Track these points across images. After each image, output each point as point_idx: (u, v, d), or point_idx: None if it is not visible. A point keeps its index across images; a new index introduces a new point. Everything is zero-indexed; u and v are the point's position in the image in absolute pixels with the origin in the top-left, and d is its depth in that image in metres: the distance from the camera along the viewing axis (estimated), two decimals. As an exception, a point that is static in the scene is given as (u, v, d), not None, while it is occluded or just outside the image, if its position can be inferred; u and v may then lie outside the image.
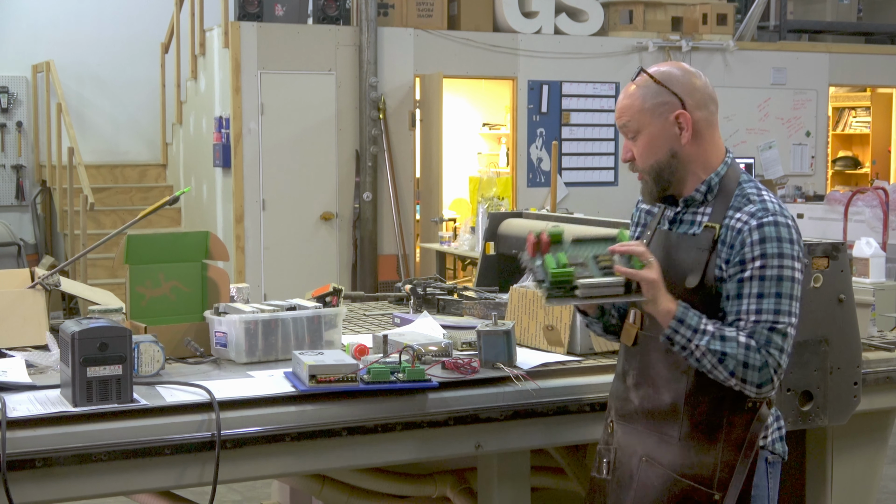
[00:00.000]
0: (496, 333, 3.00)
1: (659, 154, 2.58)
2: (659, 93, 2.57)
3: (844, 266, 3.10)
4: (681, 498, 2.53)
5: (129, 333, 2.68)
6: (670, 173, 2.59)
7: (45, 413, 2.58)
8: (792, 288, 2.45)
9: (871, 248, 3.72)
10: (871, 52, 12.35)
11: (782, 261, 2.44)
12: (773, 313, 2.43)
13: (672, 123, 2.56)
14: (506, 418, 2.92)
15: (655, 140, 2.57)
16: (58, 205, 10.49)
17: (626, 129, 2.60)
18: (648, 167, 2.60)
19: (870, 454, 3.45)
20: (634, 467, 2.61)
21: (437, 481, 3.58)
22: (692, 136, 2.56)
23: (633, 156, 2.61)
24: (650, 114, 2.57)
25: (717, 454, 2.52)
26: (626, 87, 2.64)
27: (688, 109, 2.55)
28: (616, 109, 2.64)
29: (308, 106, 9.66)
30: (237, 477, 2.77)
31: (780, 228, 2.46)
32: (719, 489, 2.51)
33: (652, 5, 11.11)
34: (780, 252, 2.45)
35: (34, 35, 11.07)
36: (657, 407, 2.58)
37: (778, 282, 2.44)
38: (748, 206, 2.51)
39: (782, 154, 11.74)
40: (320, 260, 9.75)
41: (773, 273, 2.44)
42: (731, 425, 2.52)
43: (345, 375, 2.78)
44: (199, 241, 3.41)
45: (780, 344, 2.43)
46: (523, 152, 10.59)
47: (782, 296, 2.44)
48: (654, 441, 2.58)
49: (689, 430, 2.54)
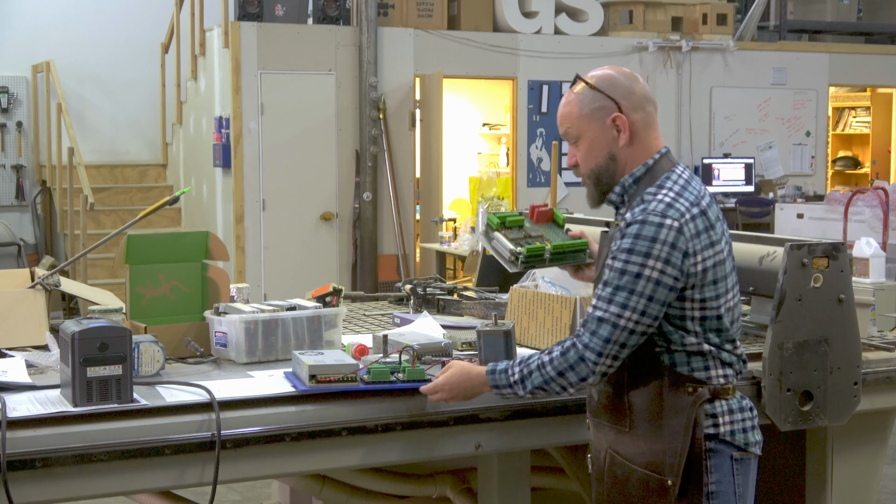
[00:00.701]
0: (496, 333, 3.00)
1: (598, 158, 2.67)
2: (595, 98, 2.65)
3: (844, 266, 3.10)
4: (639, 486, 2.62)
5: (129, 333, 2.68)
6: (609, 176, 2.67)
7: (45, 413, 2.57)
8: (634, 283, 2.50)
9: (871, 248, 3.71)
10: (871, 52, 12.35)
11: (630, 256, 2.51)
12: (607, 302, 2.52)
13: (610, 127, 2.64)
14: (506, 418, 2.92)
15: (595, 144, 2.66)
16: (58, 205, 10.49)
17: (568, 136, 2.70)
18: (589, 171, 2.69)
19: (870, 454, 3.45)
20: (603, 461, 2.72)
21: (437, 481, 3.58)
22: (629, 138, 2.64)
23: (577, 161, 2.71)
24: (588, 119, 2.65)
25: (664, 441, 2.58)
26: (566, 95, 2.73)
27: (624, 112, 2.63)
28: (558, 116, 2.73)
29: (308, 106, 9.66)
30: (237, 477, 2.77)
31: (645, 227, 2.51)
32: (670, 475, 2.56)
33: (652, 5, 11.11)
34: (631, 248, 2.51)
35: (34, 35, 11.07)
36: (610, 401, 2.67)
37: (620, 275, 2.51)
38: (640, 205, 2.58)
39: (782, 154, 11.74)
40: (320, 260, 9.75)
41: (619, 266, 2.52)
42: (672, 411, 2.58)
43: (345, 375, 2.78)
44: (199, 241, 3.41)
45: (604, 334, 2.51)
46: (523, 152, 10.60)
47: (622, 289, 2.51)
48: (614, 434, 2.68)
49: (635, 421, 2.62)
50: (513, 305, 3.43)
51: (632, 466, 2.62)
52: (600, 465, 2.73)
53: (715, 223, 2.58)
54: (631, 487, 2.63)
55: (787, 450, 3.53)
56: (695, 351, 2.57)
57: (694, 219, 2.53)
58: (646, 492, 2.60)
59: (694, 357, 2.57)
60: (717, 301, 2.56)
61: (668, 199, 2.55)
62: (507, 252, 3.02)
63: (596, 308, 2.54)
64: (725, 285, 2.58)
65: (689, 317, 2.55)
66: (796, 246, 3.04)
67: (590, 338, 2.52)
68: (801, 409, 3.07)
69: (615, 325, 2.51)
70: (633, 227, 2.52)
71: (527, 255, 3.00)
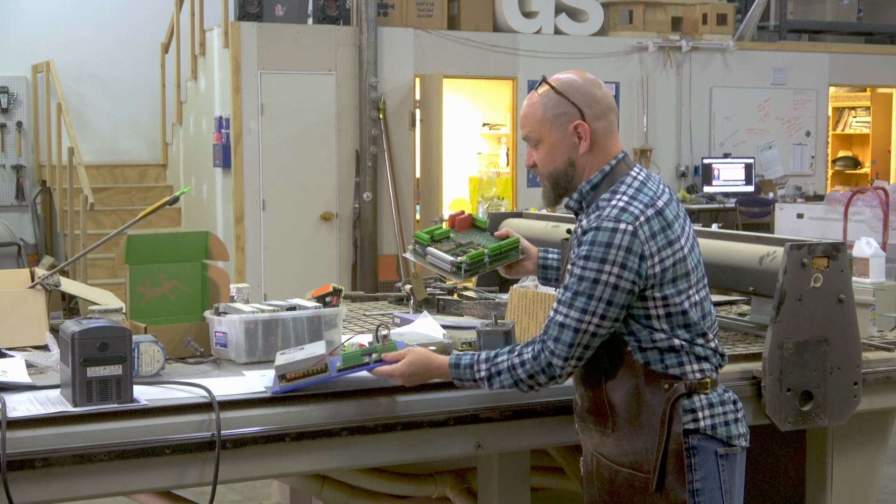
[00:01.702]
0: (496, 333, 3.00)
1: (557, 162, 2.69)
2: (559, 103, 2.66)
3: (844, 266, 3.10)
4: (625, 487, 2.64)
5: (129, 333, 2.68)
6: (567, 181, 2.70)
7: (45, 413, 2.57)
8: (592, 289, 2.53)
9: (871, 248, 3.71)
10: (871, 52, 12.35)
11: (587, 262, 2.54)
12: (567, 306, 2.55)
13: (571, 133, 2.66)
14: (506, 418, 2.92)
15: (554, 149, 2.68)
16: (58, 205, 10.49)
17: (529, 139, 2.73)
18: (548, 174, 2.72)
19: (870, 454, 3.45)
20: (590, 464, 2.75)
21: (437, 481, 3.58)
22: (590, 145, 2.66)
23: (535, 162, 2.73)
24: (550, 124, 2.67)
25: (645, 439, 2.60)
26: (529, 96, 2.74)
27: (586, 120, 2.65)
28: (520, 118, 2.75)
29: (308, 106, 9.66)
30: (237, 477, 2.77)
31: (599, 233, 2.54)
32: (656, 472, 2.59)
33: (652, 5, 11.11)
34: (587, 255, 2.54)
35: (34, 35, 11.07)
36: (592, 404, 2.70)
37: (579, 280, 2.55)
38: (596, 211, 2.61)
39: (782, 154, 11.74)
40: (320, 260, 9.75)
41: (577, 272, 2.55)
42: (650, 409, 2.59)
43: (310, 368, 2.73)
44: (199, 241, 3.41)
45: (566, 338, 2.55)
46: (523, 153, 10.59)
47: (580, 294, 2.54)
48: (598, 437, 2.70)
49: (616, 421, 2.64)
50: (513, 305, 3.43)
51: (616, 467, 2.65)
52: (589, 468, 2.76)
53: (673, 222, 2.59)
54: (617, 488, 2.65)
55: (787, 450, 3.53)
56: (666, 347, 2.58)
57: (649, 220, 2.55)
58: (631, 491, 2.62)
59: (667, 354, 2.59)
60: (679, 297, 2.57)
61: (622, 203, 2.57)
62: (448, 264, 3.12)
63: (557, 312, 2.58)
64: (688, 281, 2.59)
65: (654, 315, 2.57)
66: (796, 246, 3.04)
67: (554, 344, 2.57)
68: (801, 409, 3.07)
69: (577, 329, 2.55)
70: (588, 235, 2.55)
71: (469, 262, 3.11)
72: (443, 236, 3.22)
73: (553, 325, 2.58)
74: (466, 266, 3.10)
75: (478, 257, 3.12)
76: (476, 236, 3.22)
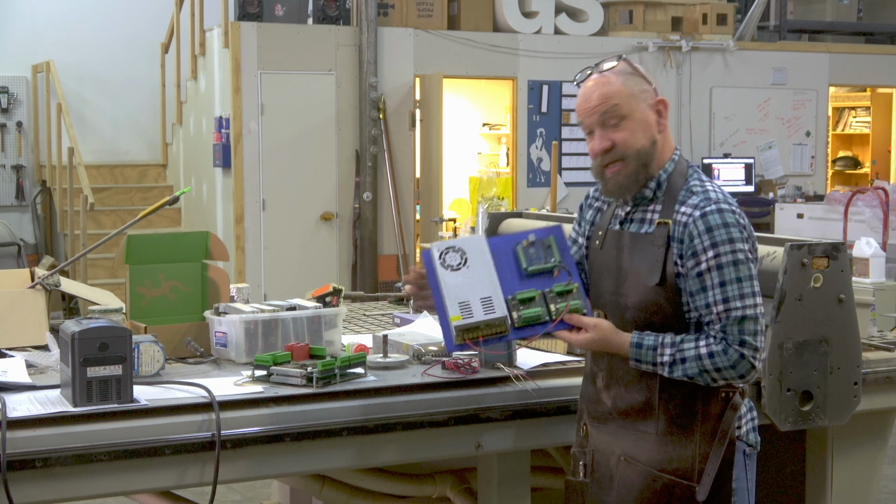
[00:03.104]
0: (496, 333, 2.98)
1: (643, 140, 2.58)
2: (639, 80, 2.61)
3: (844, 266, 3.10)
4: (663, 493, 2.55)
5: (129, 333, 2.68)
6: (650, 162, 2.59)
7: (45, 413, 2.58)
8: (749, 269, 2.49)
9: (871, 248, 3.72)
10: (871, 52, 12.34)
11: (734, 245, 2.48)
12: (740, 299, 2.47)
13: (652, 110, 2.59)
14: (506, 418, 2.92)
15: (641, 125, 2.58)
16: (58, 205, 10.49)
17: (611, 115, 2.57)
18: (634, 153, 2.58)
19: (870, 454, 3.45)
20: (613, 467, 2.62)
21: (437, 481, 3.58)
22: (663, 126, 2.61)
23: (613, 144, 2.58)
24: (636, 99, 2.58)
25: (695, 447, 2.54)
26: (598, 77, 2.61)
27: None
28: (595, 97, 2.58)
29: (308, 106, 9.66)
30: (237, 477, 2.77)
31: (724, 215, 2.49)
32: (700, 481, 2.53)
33: (652, 5, 11.10)
34: (730, 237, 2.48)
35: (34, 35, 11.07)
36: (631, 405, 2.60)
37: (735, 266, 2.48)
38: (692, 198, 2.54)
39: (782, 154, 11.73)
40: (320, 260, 9.74)
41: (728, 259, 2.47)
42: (705, 416, 2.54)
43: (491, 331, 2.55)
44: (199, 241, 3.41)
45: (752, 329, 2.47)
46: (523, 152, 10.59)
47: (742, 280, 2.48)
48: (631, 439, 2.59)
49: (665, 425, 2.56)
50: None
51: (656, 473, 2.55)
52: (608, 471, 2.63)
53: None
54: (652, 494, 2.55)
55: (787, 450, 3.53)
56: None
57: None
58: (669, 498, 2.54)
59: None
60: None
61: (718, 189, 2.56)
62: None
63: (729, 309, 2.46)
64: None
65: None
66: (796, 246, 3.04)
67: (742, 337, 2.46)
68: (801, 409, 3.07)
69: (755, 317, 2.48)
70: (712, 217, 2.48)
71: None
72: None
73: (732, 321, 2.46)
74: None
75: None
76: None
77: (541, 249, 2.59)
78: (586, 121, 2.61)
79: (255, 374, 2.88)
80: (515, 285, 2.58)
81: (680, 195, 2.56)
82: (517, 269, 2.60)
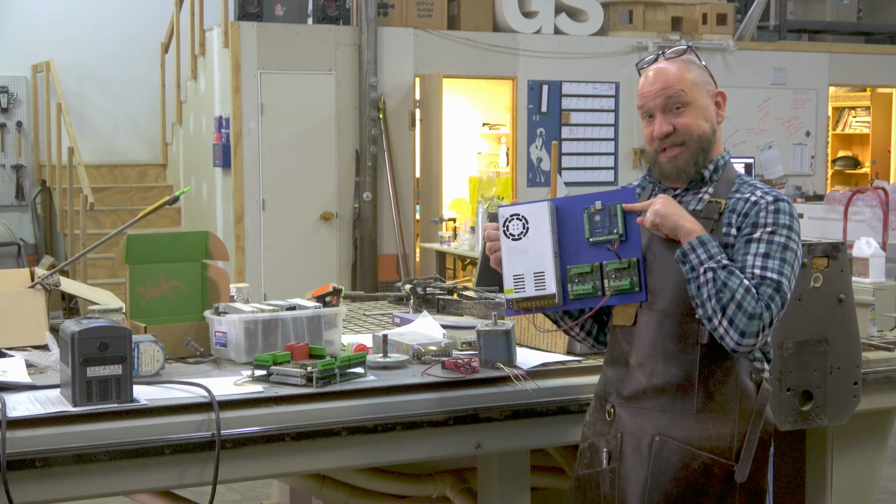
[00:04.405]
0: (496, 333, 3.00)
1: (705, 126, 2.63)
2: (702, 70, 2.66)
3: (844, 266, 3.10)
4: (700, 472, 2.52)
5: (129, 333, 2.68)
6: (709, 148, 2.63)
7: (45, 413, 2.57)
8: (794, 260, 2.53)
9: (871, 248, 3.72)
10: (871, 52, 12.34)
11: (791, 233, 2.52)
12: (778, 272, 2.48)
13: (713, 101, 2.65)
14: (506, 418, 2.92)
15: (703, 112, 2.63)
16: (58, 205, 10.49)
17: (675, 100, 2.61)
18: (697, 137, 2.62)
19: (870, 454, 3.45)
20: (646, 448, 2.57)
21: (437, 481, 3.58)
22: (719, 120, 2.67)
23: (674, 128, 2.61)
24: (699, 87, 2.64)
25: (734, 425, 2.53)
26: (664, 62, 2.65)
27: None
28: (660, 81, 2.62)
29: (308, 106, 9.66)
30: (237, 477, 2.77)
31: (793, 210, 2.56)
32: (738, 460, 2.52)
33: (652, 5, 11.10)
34: (791, 226, 2.53)
35: (34, 35, 11.07)
36: (668, 382, 2.57)
37: (783, 249, 2.51)
38: (759, 188, 2.59)
39: (782, 154, 11.73)
40: (320, 260, 9.75)
41: (782, 241, 2.51)
42: (743, 395, 2.54)
43: (541, 303, 2.63)
44: (199, 241, 3.41)
45: (779, 302, 2.47)
46: (523, 152, 10.59)
47: (786, 262, 2.50)
48: (668, 418, 2.56)
49: (704, 402, 2.54)
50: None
51: (694, 451, 2.52)
52: (641, 452, 2.57)
53: None
54: (690, 473, 2.52)
55: (787, 450, 3.53)
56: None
57: None
58: (707, 477, 2.52)
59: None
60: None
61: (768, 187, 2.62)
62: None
63: (766, 276, 2.47)
64: None
65: None
66: (796, 246, 3.03)
67: (769, 302, 2.45)
68: (801, 409, 3.07)
69: (784, 295, 2.48)
70: (783, 205, 2.54)
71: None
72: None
73: (769, 283, 2.46)
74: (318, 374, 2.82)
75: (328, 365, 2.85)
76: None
77: (606, 218, 2.62)
78: (649, 104, 2.64)
79: (255, 374, 2.89)
80: (574, 255, 2.63)
81: (738, 186, 2.61)
82: (580, 236, 2.63)
